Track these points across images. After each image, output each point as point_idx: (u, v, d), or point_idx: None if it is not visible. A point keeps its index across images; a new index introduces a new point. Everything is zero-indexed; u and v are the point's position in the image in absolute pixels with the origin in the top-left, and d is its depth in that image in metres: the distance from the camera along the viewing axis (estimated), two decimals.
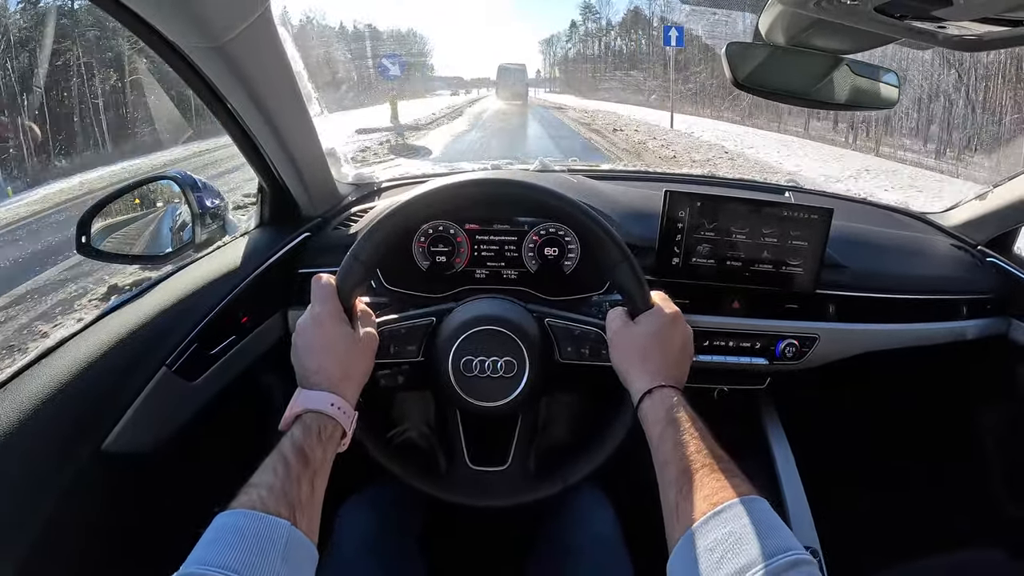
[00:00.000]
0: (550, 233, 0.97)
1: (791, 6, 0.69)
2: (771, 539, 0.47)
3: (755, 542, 0.47)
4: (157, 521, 0.80)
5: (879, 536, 1.15)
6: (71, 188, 9.16)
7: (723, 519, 0.50)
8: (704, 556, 0.48)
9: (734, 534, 0.48)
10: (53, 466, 0.64)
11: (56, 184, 9.70)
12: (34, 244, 5.86)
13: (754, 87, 0.83)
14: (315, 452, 0.59)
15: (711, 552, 0.48)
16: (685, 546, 0.51)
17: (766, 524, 0.49)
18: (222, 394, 0.84)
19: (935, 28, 0.65)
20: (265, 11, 0.63)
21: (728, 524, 0.49)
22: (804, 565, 0.45)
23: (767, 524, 0.49)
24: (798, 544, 0.48)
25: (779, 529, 0.49)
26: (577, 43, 46.84)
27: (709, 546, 0.49)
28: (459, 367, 0.73)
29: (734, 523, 0.49)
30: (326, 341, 0.67)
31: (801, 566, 0.45)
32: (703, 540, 0.50)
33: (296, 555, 0.50)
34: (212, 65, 0.68)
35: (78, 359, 0.69)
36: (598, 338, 0.76)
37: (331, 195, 1.07)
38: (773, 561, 0.45)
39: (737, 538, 0.48)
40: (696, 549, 0.49)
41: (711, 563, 0.47)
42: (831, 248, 0.99)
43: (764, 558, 0.45)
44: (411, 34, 58.73)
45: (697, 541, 0.50)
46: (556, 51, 52.92)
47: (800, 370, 1.06)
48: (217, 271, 0.88)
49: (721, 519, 0.50)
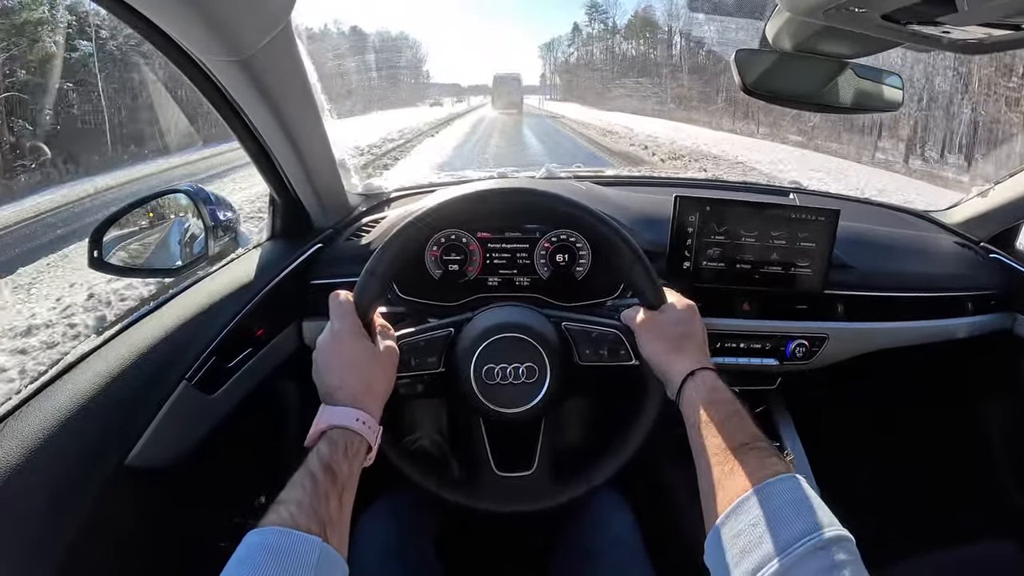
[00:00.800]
0: (561, 240, 0.98)
1: (800, 14, 0.70)
2: (798, 522, 0.49)
3: (784, 526, 0.49)
4: (180, 533, 0.80)
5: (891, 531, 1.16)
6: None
7: (756, 501, 0.52)
8: (746, 533, 0.50)
9: (767, 515, 0.50)
10: (78, 481, 0.64)
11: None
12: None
13: (762, 92, 0.84)
14: (342, 468, 0.59)
15: (754, 527, 0.50)
16: (720, 528, 0.53)
17: (803, 502, 0.51)
18: (240, 406, 0.85)
19: (939, 33, 0.66)
20: (287, 24, 0.64)
21: (761, 505, 0.51)
22: (837, 544, 0.47)
23: (802, 503, 0.51)
24: (832, 520, 0.49)
25: (809, 510, 0.50)
26: (580, 47, 46.34)
27: (745, 527, 0.50)
28: (481, 375, 0.74)
29: (766, 505, 0.51)
30: (347, 357, 0.68)
31: (833, 546, 0.46)
32: (738, 522, 0.51)
33: (328, 571, 0.51)
34: (233, 79, 0.68)
35: (100, 374, 0.69)
36: (616, 339, 0.77)
37: (342, 206, 1.08)
38: (803, 542, 0.47)
39: (769, 520, 0.50)
40: (737, 526, 0.51)
41: (754, 538, 0.49)
42: (838, 248, 1.00)
43: (788, 544, 0.47)
44: (402, 37, 57.30)
45: (732, 522, 0.52)
46: (557, 56, 51.95)
47: (810, 370, 1.07)
48: (232, 284, 0.88)
49: (753, 501, 0.52)
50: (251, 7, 0.58)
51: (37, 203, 8.42)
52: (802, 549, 0.46)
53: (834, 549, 0.46)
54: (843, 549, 0.47)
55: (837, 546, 0.47)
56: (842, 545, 0.47)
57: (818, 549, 0.46)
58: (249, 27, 0.60)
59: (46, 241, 5.83)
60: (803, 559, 0.46)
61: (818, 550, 0.46)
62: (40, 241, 5.95)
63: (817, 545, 0.46)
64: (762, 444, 0.58)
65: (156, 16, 0.57)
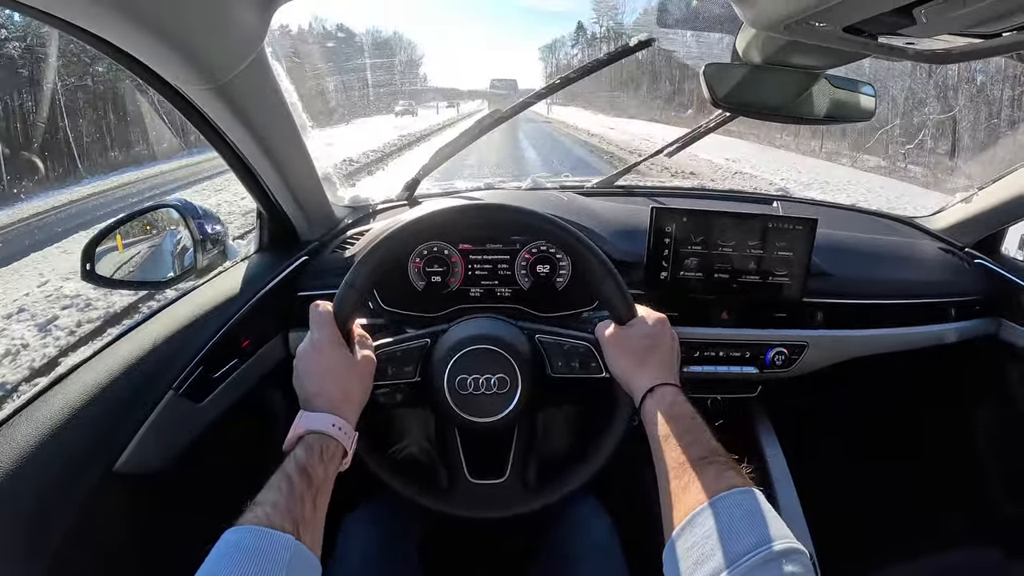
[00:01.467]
0: (541, 251, 0.99)
1: (762, 29, 0.72)
2: (750, 535, 0.49)
3: (736, 539, 0.50)
4: (167, 539, 0.82)
5: (873, 539, 1.16)
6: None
7: (710, 513, 0.53)
8: (699, 545, 0.51)
9: (720, 528, 0.51)
10: (66, 488, 0.66)
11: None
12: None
13: (733, 105, 0.86)
14: (317, 471, 0.61)
15: (706, 540, 0.51)
16: (675, 540, 0.54)
17: (756, 515, 0.52)
18: (226, 415, 0.87)
19: (904, 44, 0.67)
20: (259, 52, 0.66)
21: (715, 518, 0.52)
22: (788, 556, 0.47)
23: (756, 516, 0.52)
24: (785, 534, 0.50)
25: (762, 523, 0.51)
26: (584, 47, 45.46)
27: (699, 539, 0.51)
28: (454, 385, 0.76)
29: (718, 518, 0.52)
30: (325, 365, 0.70)
31: (783, 558, 0.47)
32: (692, 535, 0.52)
33: (300, 568, 0.53)
34: (212, 104, 0.71)
35: (89, 384, 0.72)
36: (588, 352, 0.79)
37: (328, 219, 1.10)
38: (753, 554, 0.47)
39: (721, 532, 0.50)
40: (691, 539, 0.52)
41: (706, 551, 0.50)
42: (818, 256, 1.01)
43: (739, 556, 0.48)
44: (397, 38, 54.66)
45: (686, 535, 0.53)
46: (559, 58, 50.92)
47: (791, 377, 1.08)
48: (219, 296, 0.91)
49: (707, 514, 0.53)
50: (223, 37, 0.61)
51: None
52: (751, 561, 0.47)
53: (784, 561, 0.47)
54: (793, 562, 0.47)
55: (788, 558, 0.47)
56: (793, 558, 0.47)
57: (768, 561, 0.47)
58: (223, 56, 0.63)
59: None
60: (752, 571, 0.47)
61: (768, 562, 0.47)
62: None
63: (767, 557, 0.47)
64: (720, 458, 0.59)
65: (134, 50, 0.59)
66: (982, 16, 0.55)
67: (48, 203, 11.18)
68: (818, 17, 0.63)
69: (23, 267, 5.78)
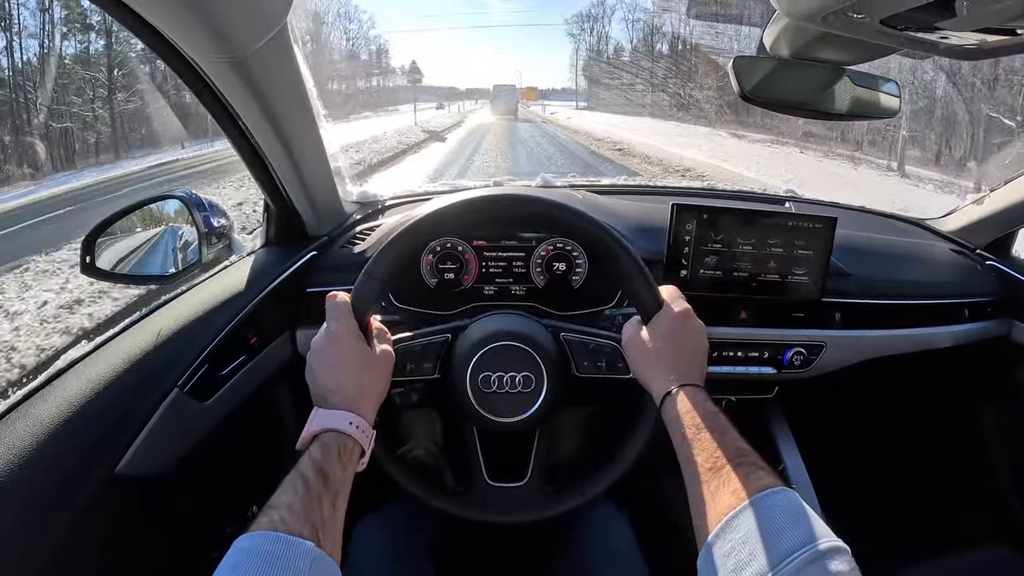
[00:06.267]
0: (557, 248, 0.97)
1: (798, 20, 0.70)
2: (792, 535, 0.47)
3: (777, 540, 0.47)
4: (172, 541, 0.79)
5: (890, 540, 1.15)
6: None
7: (746, 515, 0.50)
8: (737, 550, 0.49)
9: (760, 529, 0.49)
10: (68, 488, 0.62)
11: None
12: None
13: (760, 99, 0.84)
14: (335, 472, 0.58)
15: (744, 544, 0.48)
16: (711, 546, 0.51)
17: (795, 515, 0.49)
18: (233, 414, 0.84)
19: (937, 38, 0.66)
20: (283, 28, 0.63)
21: (753, 520, 0.50)
22: (833, 554, 0.45)
23: (795, 515, 0.49)
24: (827, 532, 0.48)
25: (803, 522, 0.49)
26: (605, 40, 42.66)
27: (736, 544, 0.49)
28: (477, 383, 0.73)
29: (755, 520, 0.50)
30: (343, 358, 0.67)
31: (828, 557, 0.45)
32: (728, 539, 0.50)
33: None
34: (228, 79, 0.67)
35: (91, 380, 0.68)
36: (614, 351, 0.76)
37: (337, 213, 1.07)
38: (797, 555, 0.45)
39: (762, 534, 0.48)
40: (728, 544, 0.50)
41: (745, 555, 0.48)
42: (834, 256, 1.00)
43: (782, 557, 0.46)
44: (380, 41, 50.47)
45: (722, 540, 0.50)
46: (579, 53, 48.07)
47: (808, 378, 1.07)
48: (226, 292, 0.87)
49: (744, 516, 0.50)
50: (248, 6, 0.58)
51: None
52: (796, 562, 0.45)
53: (829, 560, 0.45)
54: (839, 560, 0.45)
55: (833, 557, 0.45)
56: (838, 555, 0.46)
57: (813, 561, 0.45)
58: (246, 26, 0.59)
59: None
60: (798, 572, 0.45)
61: (813, 562, 0.45)
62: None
63: (811, 557, 0.45)
64: (750, 459, 0.56)
65: (150, 14, 0.56)
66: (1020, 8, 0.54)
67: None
68: (856, 8, 0.61)
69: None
